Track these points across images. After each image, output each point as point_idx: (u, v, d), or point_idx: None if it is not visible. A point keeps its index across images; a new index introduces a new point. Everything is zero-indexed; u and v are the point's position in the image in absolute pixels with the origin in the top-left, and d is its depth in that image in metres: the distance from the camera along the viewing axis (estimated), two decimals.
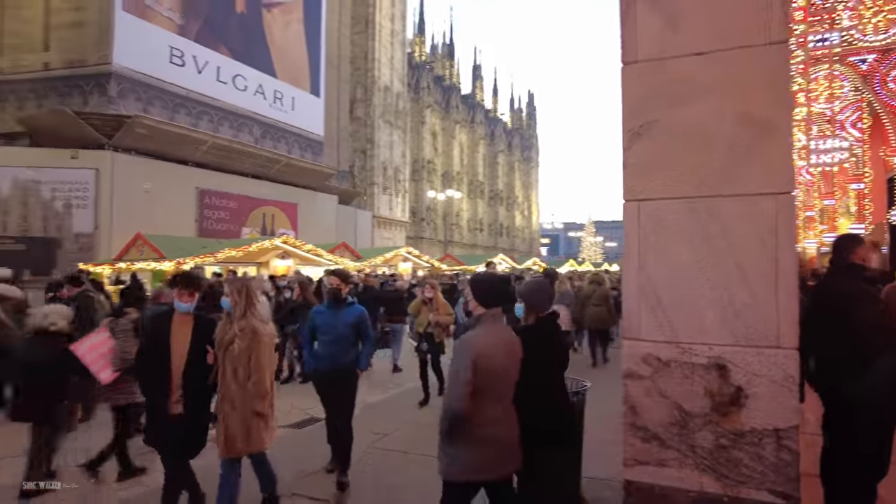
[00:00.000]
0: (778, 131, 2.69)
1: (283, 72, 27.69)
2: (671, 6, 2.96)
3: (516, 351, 2.81)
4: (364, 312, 4.69)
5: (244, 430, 3.51)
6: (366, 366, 4.72)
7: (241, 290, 3.70)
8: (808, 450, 2.68)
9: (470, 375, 2.56)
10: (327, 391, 4.60)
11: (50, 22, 20.28)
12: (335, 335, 4.48)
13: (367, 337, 4.66)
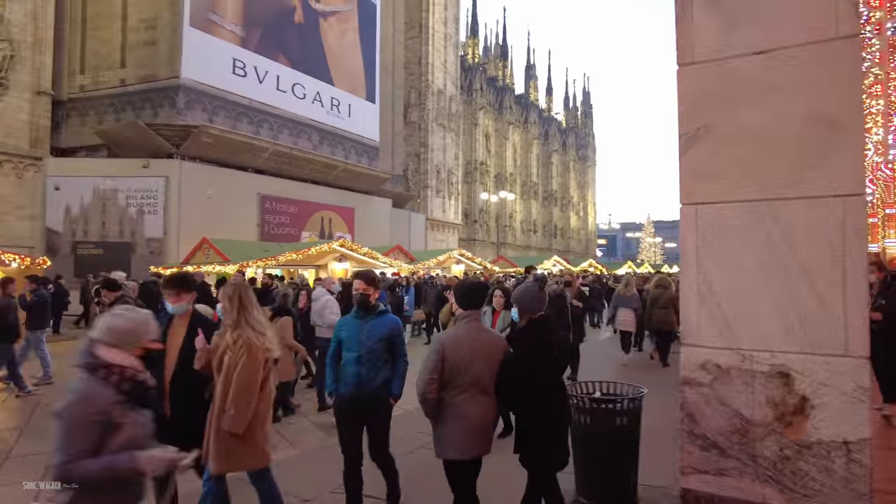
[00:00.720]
0: (848, 130, 2.58)
1: (340, 79, 28.37)
2: (729, 5, 2.89)
3: (487, 349, 3.11)
4: (398, 324, 3.83)
5: (218, 448, 3.17)
6: (400, 391, 3.75)
7: (232, 296, 3.30)
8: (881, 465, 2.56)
9: (432, 366, 3.02)
10: (349, 421, 3.70)
11: (126, 41, 21.61)
12: (362, 351, 3.63)
13: (400, 355, 3.77)
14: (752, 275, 2.65)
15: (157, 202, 19.93)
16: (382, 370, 3.66)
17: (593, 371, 8.37)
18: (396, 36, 33.77)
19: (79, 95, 21.97)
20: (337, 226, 26.78)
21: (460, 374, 3.03)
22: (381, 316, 3.76)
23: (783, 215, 2.64)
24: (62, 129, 21.76)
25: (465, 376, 3.03)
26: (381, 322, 3.71)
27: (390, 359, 3.72)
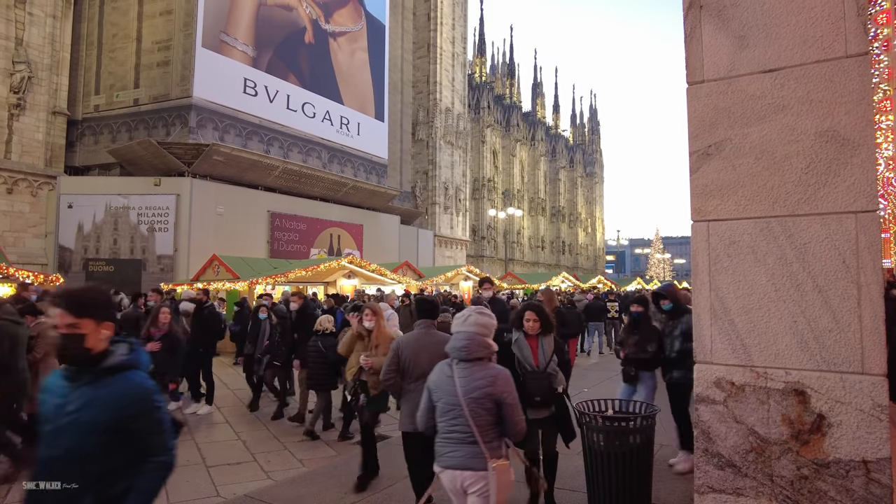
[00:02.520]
0: (859, 147, 2.59)
1: (349, 98, 28.71)
2: (738, 23, 2.92)
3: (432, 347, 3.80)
4: (143, 392, 2.02)
5: None
6: None
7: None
8: None
9: (389, 361, 3.93)
10: None
11: (140, 62, 22.03)
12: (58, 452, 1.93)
13: (151, 454, 2.02)
14: (765, 291, 2.64)
15: (168, 220, 20.13)
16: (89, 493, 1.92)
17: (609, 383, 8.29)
18: (405, 55, 34.18)
19: (93, 115, 22.37)
20: (346, 242, 26.91)
21: (411, 368, 3.85)
22: (114, 377, 1.99)
23: (796, 232, 2.65)
24: (76, 148, 22.13)
25: (416, 369, 3.80)
26: (107, 391, 1.95)
27: (126, 466, 1.98)
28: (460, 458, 2.79)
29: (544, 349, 4.12)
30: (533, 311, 4.26)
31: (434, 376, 2.98)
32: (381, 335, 5.03)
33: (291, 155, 25.07)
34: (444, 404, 2.87)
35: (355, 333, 5.16)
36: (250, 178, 22.71)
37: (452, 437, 2.83)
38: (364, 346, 5.06)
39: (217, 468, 5.43)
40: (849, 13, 2.64)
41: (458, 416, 2.81)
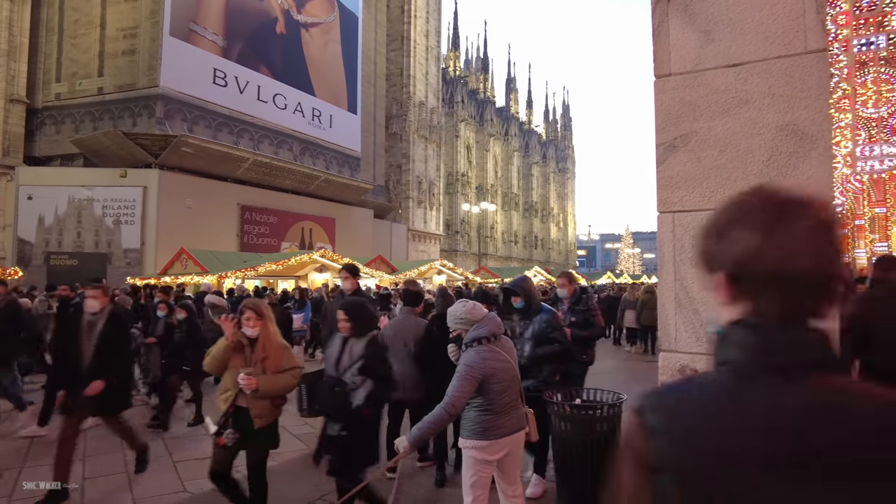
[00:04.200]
0: (817, 141, 2.67)
1: (322, 90, 28.38)
2: (704, 18, 2.97)
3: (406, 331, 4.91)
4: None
5: None
6: None
7: None
8: None
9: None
10: None
11: (105, 50, 21.39)
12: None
13: None
14: None
15: (135, 212, 19.66)
16: None
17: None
18: (378, 47, 33.93)
19: (54, 104, 21.66)
20: (318, 236, 26.66)
21: (392, 347, 4.39)
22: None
23: None
24: (37, 138, 21.41)
25: (396, 350, 4.51)
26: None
27: None
28: (517, 421, 3.19)
29: (350, 353, 3.55)
30: (344, 310, 3.64)
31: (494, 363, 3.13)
32: (270, 345, 3.68)
33: (262, 147, 24.69)
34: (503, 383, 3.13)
35: (231, 343, 3.65)
36: (220, 170, 22.30)
37: (509, 406, 3.15)
38: (244, 359, 3.64)
39: (183, 463, 5.34)
40: (808, 11, 2.71)
41: (511, 386, 3.17)
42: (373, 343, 3.57)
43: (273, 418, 3.65)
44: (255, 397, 3.54)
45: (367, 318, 3.67)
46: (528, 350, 4.34)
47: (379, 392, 3.54)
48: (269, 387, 3.55)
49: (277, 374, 3.61)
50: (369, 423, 3.51)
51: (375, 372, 3.51)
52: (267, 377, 3.58)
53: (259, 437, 3.60)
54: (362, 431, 3.44)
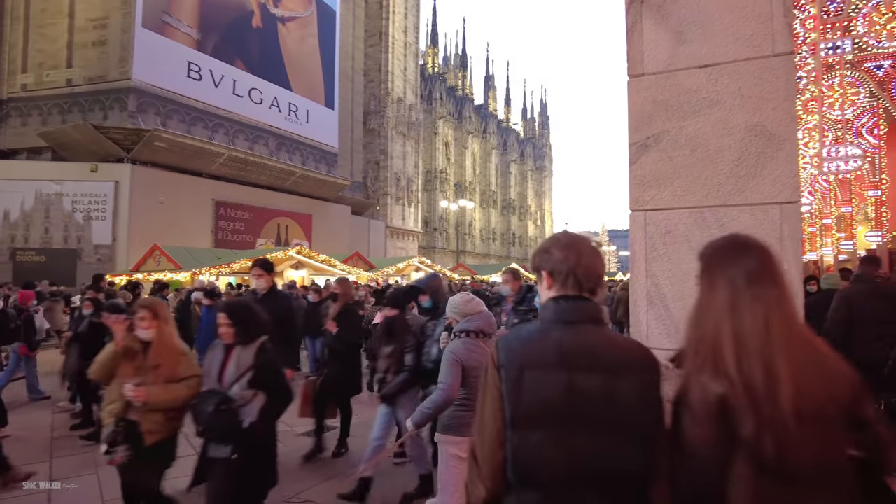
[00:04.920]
0: (784, 141, 2.73)
1: (298, 85, 28.08)
2: (677, 19, 3.02)
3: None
4: None
5: None
6: None
7: None
8: None
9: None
10: None
11: (73, 40, 20.83)
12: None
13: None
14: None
15: (106, 207, 19.23)
16: None
17: None
18: (356, 43, 33.68)
19: (21, 95, 21.05)
20: (294, 233, 26.40)
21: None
22: None
23: (727, 221, 2.77)
24: (1, 130, 20.81)
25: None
26: None
27: None
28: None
29: (238, 363, 3.05)
30: (226, 312, 3.15)
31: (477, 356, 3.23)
32: (163, 350, 3.22)
33: (237, 142, 24.35)
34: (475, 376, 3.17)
35: (120, 348, 3.26)
36: (194, 165, 21.93)
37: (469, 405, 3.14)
38: (134, 367, 3.18)
39: None
40: (776, 14, 2.78)
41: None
42: (263, 351, 3.10)
43: (168, 434, 3.19)
44: (145, 410, 3.10)
45: (255, 323, 3.19)
46: (434, 353, 3.97)
47: (273, 406, 3.11)
48: (160, 398, 3.10)
49: (171, 385, 3.15)
50: (263, 442, 3.11)
51: (269, 384, 3.08)
52: (158, 387, 3.11)
53: (150, 455, 3.13)
54: (256, 453, 3.04)
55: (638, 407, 1.36)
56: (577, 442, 1.32)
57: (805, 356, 1.25)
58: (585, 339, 1.42)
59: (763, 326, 1.26)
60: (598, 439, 1.32)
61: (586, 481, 1.32)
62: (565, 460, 1.32)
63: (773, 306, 1.28)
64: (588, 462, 1.32)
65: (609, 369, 1.37)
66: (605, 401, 1.34)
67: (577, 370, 1.37)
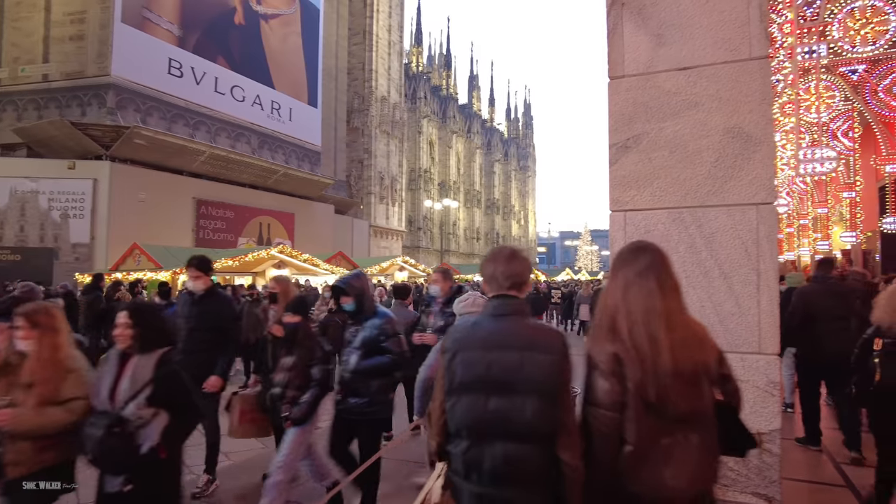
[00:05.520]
0: (761, 144, 2.78)
1: (281, 83, 27.87)
2: (657, 22, 3.05)
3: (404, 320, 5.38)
4: None
5: None
6: None
7: None
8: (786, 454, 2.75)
9: None
10: None
11: (50, 34, 20.44)
12: None
13: None
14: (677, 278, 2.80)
15: (84, 206, 18.91)
16: None
17: None
18: (340, 41, 33.52)
19: None
20: (276, 232, 26.20)
21: None
22: None
23: (705, 222, 2.81)
24: None
25: None
26: None
27: None
28: None
29: (133, 377, 2.60)
30: (128, 311, 2.73)
31: None
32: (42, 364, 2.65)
33: (219, 140, 24.09)
34: None
35: None
36: (175, 163, 21.64)
37: None
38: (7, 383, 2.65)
39: None
40: (753, 19, 2.83)
41: None
42: (165, 362, 2.66)
43: (37, 466, 2.59)
44: (11, 437, 2.56)
45: (158, 329, 2.77)
46: (353, 361, 3.62)
47: (177, 426, 2.67)
48: (31, 424, 2.55)
49: (46, 408, 2.57)
50: (166, 468, 2.63)
51: (172, 400, 2.63)
52: (28, 410, 2.56)
53: (15, 491, 2.57)
54: (157, 482, 2.58)
55: (542, 376, 1.76)
56: (491, 403, 1.78)
57: (681, 331, 1.73)
58: (505, 327, 1.86)
59: (647, 307, 1.72)
60: (507, 401, 1.77)
61: (497, 432, 1.77)
62: (482, 417, 1.79)
63: (655, 293, 1.73)
64: (498, 417, 1.76)
65: (520, 348, 1.80)
66: (515, 372, 1.77)
67: (496, 350, 1.82)
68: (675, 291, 1.80)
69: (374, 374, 3.61)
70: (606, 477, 1.70)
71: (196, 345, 4.06)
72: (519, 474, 1.75)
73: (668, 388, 1.64)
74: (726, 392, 1.86)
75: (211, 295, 4.29)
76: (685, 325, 1.76)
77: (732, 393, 1.88)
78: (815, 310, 4.74)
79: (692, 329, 1.78)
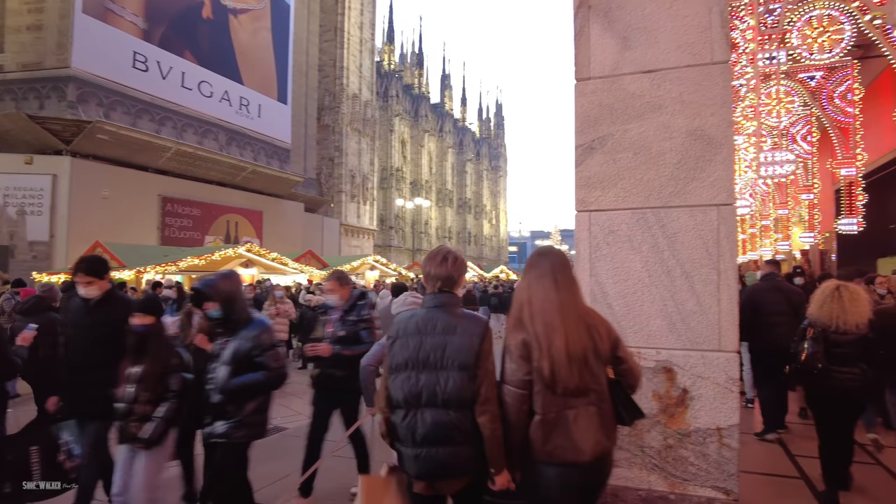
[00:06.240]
0: (722, 146, 2.85)
1: (250, 79, 27.42)
2: (623, 25, 3.10)
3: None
4: None
5: None
6: None
7: None
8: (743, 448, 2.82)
9: None
10: None
11: (5, 23, 19.68)
12: None
13: None
14: (640, 277, 2.85)
15: (43, 202, 18.28)
16: None
17: None
18: (311, 38, 33.14)
19: None
20: (244, 230, 25.77)
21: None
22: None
23: (668, 222, 2.86)
24: None
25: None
26: None
27: None
28: None
29: None
30: None
31: None
32: None
33: (186, 136, 23.57)
34: None
35: None
36: (140, 159, 21.09)
37: None
38: None
39: None
40: (714, 25, 2.90)
41: None
42: None
43: None
44: None
45: None
46: (222, 376, 3.09)
47: None
48: None
49: None
50: None
51: None
52: None
53: None
54: None
55: (462, 355, 2.13)
56: (422, 378, 2.16)
57: (574, 320, 2.05)
58: (434, 316, 2.25)
59: (545, 301, 2.06)
60: (434, 376, 2.14)
61: (426, 402, 2.14)
62: (414, 390, 2.16)
63: (551, 290, 2.08)
64: (426, 389, 2.14)
65: (444, 333, 2.19)
66: (440, 352, 2.16)
67: (426, 335, 2.21)
68: (571, 288, 2.13)
69: (246, 394, 3.09)
70: (520, 439, 2.05)
71: (98, 359, 3.43)
72: (446, 436, 2.11)
73: (560, 367, 1.98)
74: (619, 372, 2.15)
75: (109, 301, 3.63)
76: (577, 315, 2.08)
77: (625, 373, 2.16)
78: (760, 306, 5.21)
79: (584, 318, 2.10)
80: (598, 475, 2.11)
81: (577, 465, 2.00)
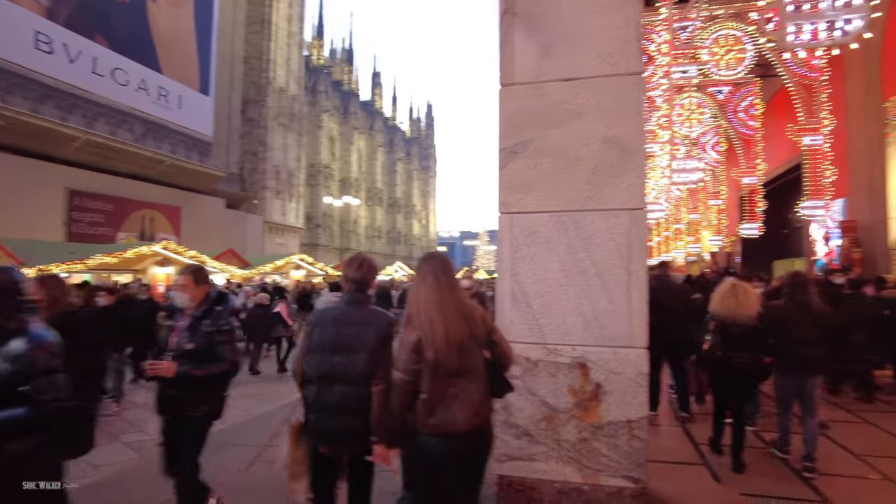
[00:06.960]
0: (635, 154, 3.01)
1: (170, 68, 26.04)
2: (546, 33, 3.21)
3: None
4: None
5: None
6: None
7: None
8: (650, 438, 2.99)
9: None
10: None
11: None
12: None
13: None
14: (557, 277, 2.96)
15: None
16: None
17: None
18: (236, 28, 31.92)
19: None
20: (160, 226, 24.46)
21: None
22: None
23: (583, 225, 2.99)
24: None
25: None
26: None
27: None
28: None
29: None
30: None
31: None
32: None
33: (97, 125, 22.05)
34: None
35: None
36: (44, 148, 19.52)
37: None
38: None
39: None
40: (630, 38, 3.06)
41: None
42: None
43: None
44: None
45: None
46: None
47: None
48: None
49: None
50: None
51: None
52: None
53: None
54: None
55: (370, 341, 2.57)
56: (336, 359, 2.57)
57: (452, 313, 2.34)
58: (350, 310, 2.69)
59: (427, 299, 2.37)
60: (347, 358, 2.56)
61: (335, 378, 2.56)
62: (327, 369, 2.58)
63: (433, 288, 2.38)
64: (337, 368, 2.56)
65: (357, 324, 2.62)
66: (353, 339, 2.59)
67: (341, 325, 2.64)
68: (450, 285, 2.43)
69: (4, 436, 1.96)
70: (401, 418, 2.37)
71: None
72: (348, 407, 2.53)
73: (441, 353, 2.28)
74: (494, 354, 2.45)
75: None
76: (456, 308, 2.37)
77: (499, 355, 2.47)
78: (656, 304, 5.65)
79: (461, 311, 2.38)
80: (478, 444, 2.39)
81: (457, 435, 2.29)
